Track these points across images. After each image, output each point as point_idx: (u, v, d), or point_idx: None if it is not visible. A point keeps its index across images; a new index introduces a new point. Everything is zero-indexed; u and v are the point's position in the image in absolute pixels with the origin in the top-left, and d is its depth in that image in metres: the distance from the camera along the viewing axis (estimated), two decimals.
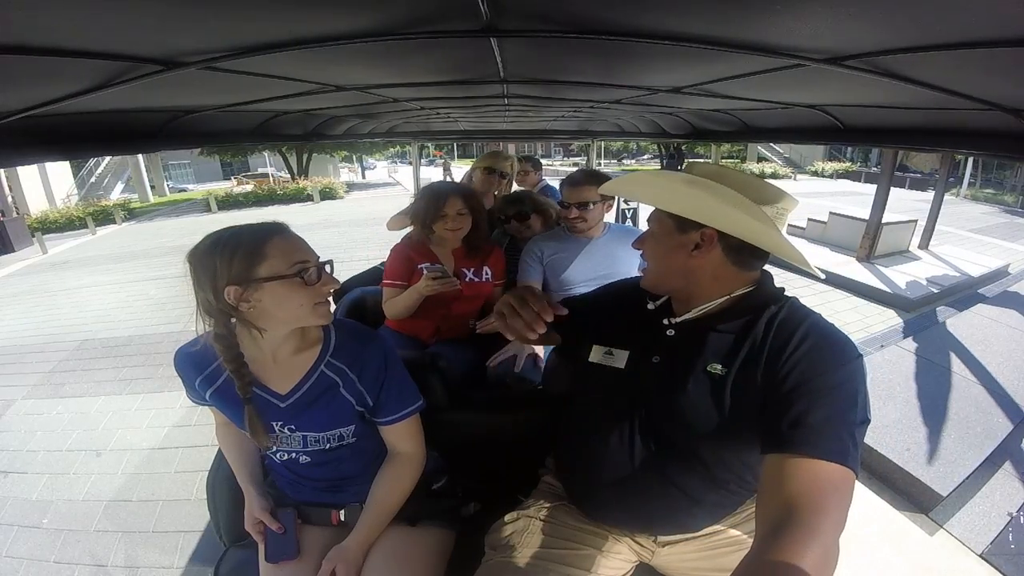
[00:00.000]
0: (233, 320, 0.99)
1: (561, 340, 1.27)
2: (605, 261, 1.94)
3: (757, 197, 0.87)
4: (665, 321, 1.00)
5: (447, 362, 1.59)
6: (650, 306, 1.05)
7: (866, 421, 0.77)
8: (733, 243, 0.88)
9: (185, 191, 26.99)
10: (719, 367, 0.90)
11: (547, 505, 1.13)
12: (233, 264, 0.92)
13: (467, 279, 1.87)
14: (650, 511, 1.00)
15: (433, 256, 1.88)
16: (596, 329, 1.11)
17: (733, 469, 0.94)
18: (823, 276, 0.96)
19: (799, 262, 0.88)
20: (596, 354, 1.07)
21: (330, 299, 1.04)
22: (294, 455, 1.11)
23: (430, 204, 1.81)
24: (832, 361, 0.80)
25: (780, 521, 0.66)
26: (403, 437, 1.16)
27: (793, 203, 0.92)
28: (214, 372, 1.06)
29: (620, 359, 1.03)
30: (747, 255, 0.90)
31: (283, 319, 0.99)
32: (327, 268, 1.02)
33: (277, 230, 0.99)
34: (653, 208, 0.97)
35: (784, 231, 0.91)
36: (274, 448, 1.10)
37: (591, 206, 1.91)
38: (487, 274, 1.93)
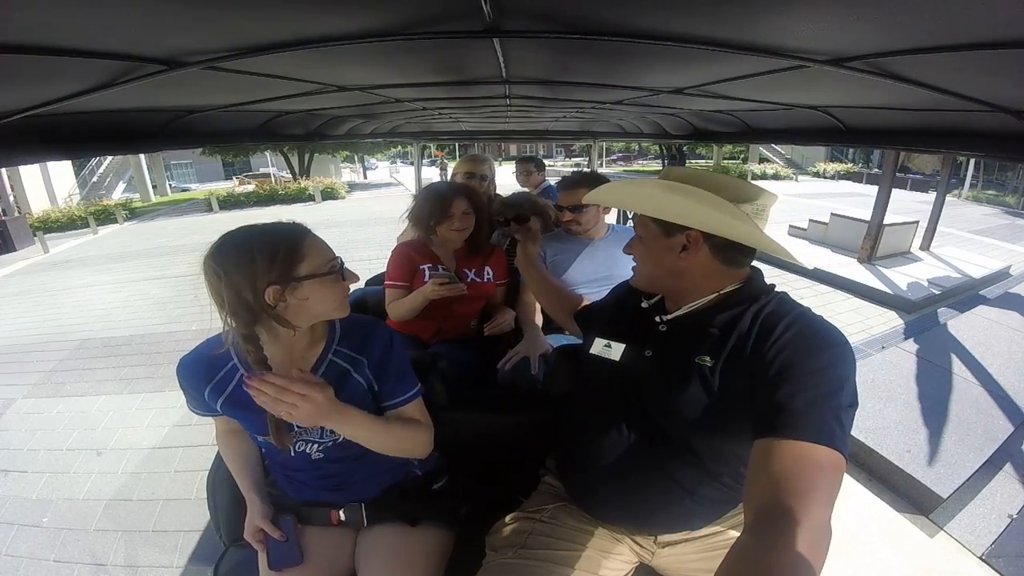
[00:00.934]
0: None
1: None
2: (607, 263, 1.94)
3: (735, 196, 0.89)
4: (657, 318, 1.03)
5: (448, 362, 1.59)
6: (644, 304, 1.08)
7: (854, 405, 0.77)
8: (719, 242, 0.90)
9: (187, 191, 27.01)
10: (707, 359, 0.91)
11: (548, 506, 1.13)
12: (275, 264, 0.92)
13: (469, 279, 1.88)
14: (649, 507, 1.01)
15: (435, 257, 1.88)
16: (600, 324, 1.16)
17: (728, 462, 0.95)
18: (810, 267, 0.96)
19: (782, 254, 0.90)
20: (596, 346, 1.11)
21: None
22: (308, 449, 1.10)
23: (435, 206, 1.80)
24: (816, 346, 0.81)
25: (767, 506, 0.66)
26: (414, 415, 1.17)
27: (772, 198, 0.94)
28: (223, 379, 1.05)
29: (616, 352, 1.07)
30: (734, 253, 0.92)
31: (315, 315, 1.01)
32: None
33: (306, 230, 1.01)
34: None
35: (767, 226, 0.93)
36: (293, 440, 1.10)
37: (585, 208, 1.91)
38: (488, 274, 1.93)
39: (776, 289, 0.97)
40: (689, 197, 0.88)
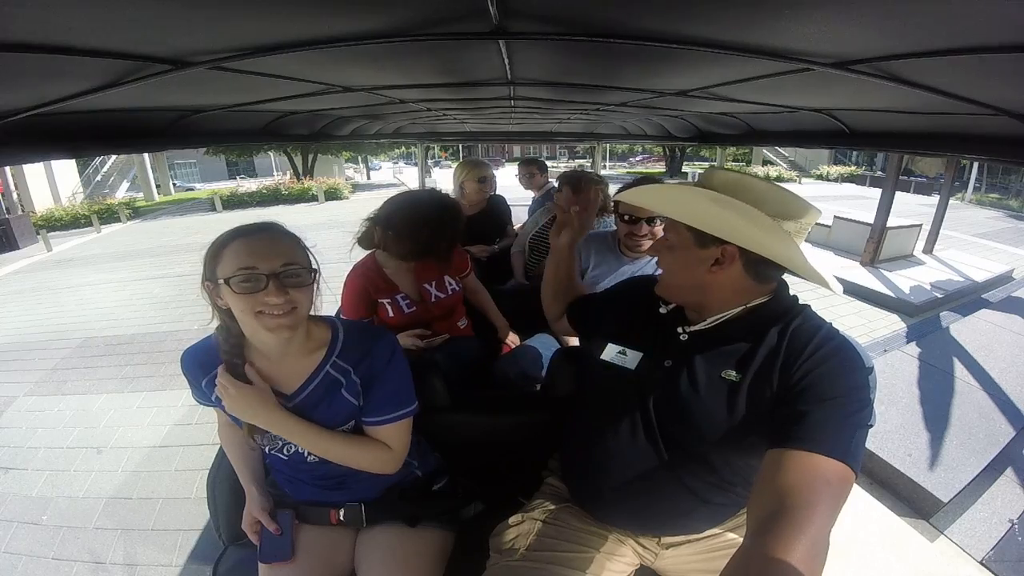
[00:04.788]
0: None
1: (577, 335, 1.31)
2: None
3: (779, 211, 0.86)
4: (679, 328, 0.99)
5: (448, 363, 1.59)
6: (662, 309, 1.05)
7: (871, 424, 0.78)
8: (753, 258, 0.87)
9: (191, 190, 27.04)
10: (734, 373, 0.89)
11: (551, 507, 1.12)
12: (206, 261, 0.97)
13: (433, 299, 1.76)
14: (658, 512, 1.00)
15: (391, 285, 1.72)
16: (611, 327, 1.12)
17: (741, 472, 0.94)
18: (841, 290, 0.95)
19: (822, 283, 0.87)
20: (609, 352, 1.07)
21: (286, 311, 0.93)
22: (301, 450, 1.10)
23: (438, 240, 1.63)
24: (844, 367, 0.81)
25: (771, 515, 0.66)
26: (385, 437, 1.10)
27: (816, 215, 0.91)
28: None
29: (632, 360, 1.03)
30: (767, 268, 0.89)
31: (240, 322, 0.97)
32: (293, 278, 0.94)
33: (245, 232, 0.96)
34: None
35: (803, 242, 0.91)
36: (280, 443, 1.09)
37: (659, 221, 1.70)
38: (450, 285, 1.82)
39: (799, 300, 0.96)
40: (731, 211, 0.83)
